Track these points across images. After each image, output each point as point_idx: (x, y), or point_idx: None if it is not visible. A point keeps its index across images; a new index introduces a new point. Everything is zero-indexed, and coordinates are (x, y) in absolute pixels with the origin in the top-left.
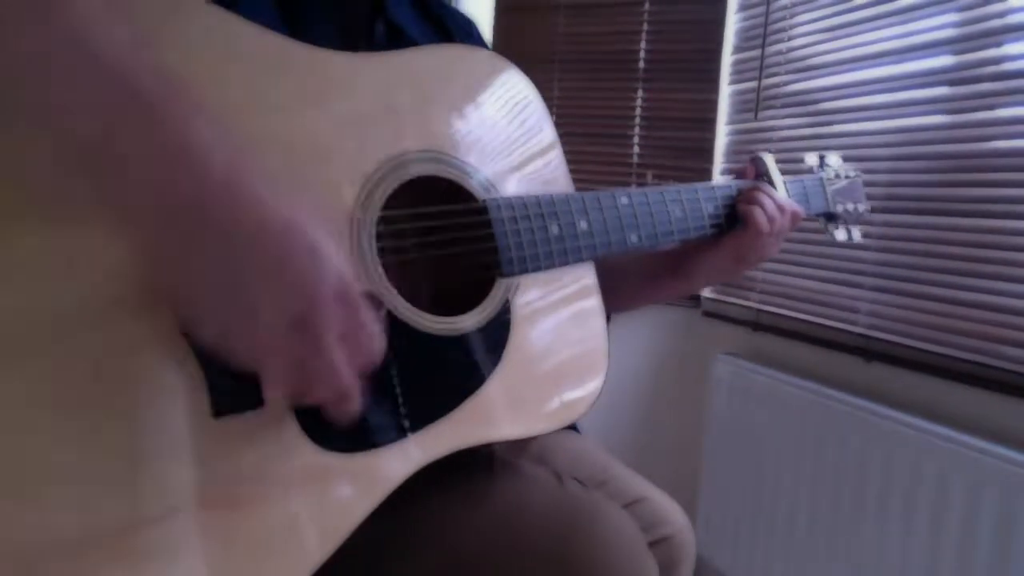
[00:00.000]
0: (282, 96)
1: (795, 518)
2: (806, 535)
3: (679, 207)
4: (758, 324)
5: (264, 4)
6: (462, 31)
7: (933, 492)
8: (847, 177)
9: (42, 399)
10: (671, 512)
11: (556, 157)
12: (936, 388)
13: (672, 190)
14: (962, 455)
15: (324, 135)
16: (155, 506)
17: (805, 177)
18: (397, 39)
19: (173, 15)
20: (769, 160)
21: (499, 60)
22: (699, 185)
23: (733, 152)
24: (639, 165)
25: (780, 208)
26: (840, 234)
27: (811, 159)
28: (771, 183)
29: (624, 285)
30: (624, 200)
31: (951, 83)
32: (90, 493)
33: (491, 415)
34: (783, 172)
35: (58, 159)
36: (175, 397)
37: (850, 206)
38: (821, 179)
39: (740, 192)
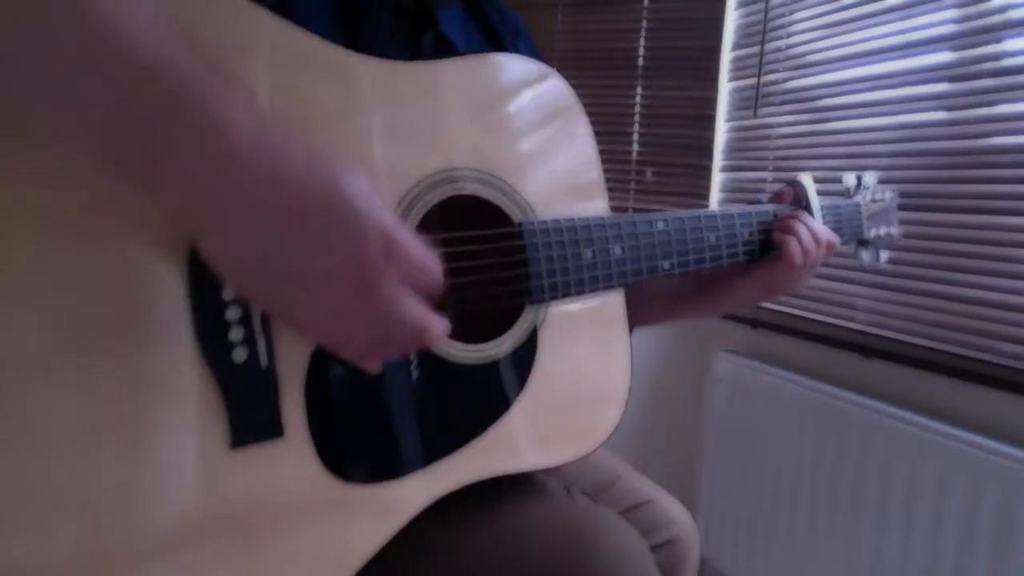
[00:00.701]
0: (318, 102)
1: (795, 515)
2: (806, 532)
3: (714, 233)
4: (758, 321)
5: (323, 10)
6: (511, 34)
7: (933, 489)
8: (881, 200)
9: (53, 423)
10: (676, 515)
11: (596, 174)
12: (935, 385)
13: (709, 215)
14: (961, 452)
15: (362, 147)
16: (167, 535)
17: (843, 202)
18: (444, 51)
19: (215, 15)
20: (808, 184)
21: (542, 70)
22: (735, 209)
23: (732, 149)
24: (639, 162)
25: (816, 239)
26: (867, 257)
27: (849, 180)
28: (809, 208)
29: (648, 304)
30: (661, 225)
31: (950, 79)
32: (101, 521)
33: (512, 446)
34: (786, 171)
35: (85, 154)
36: (192, 425)
37: (883, 230)
38: (858, 205)
39: (776, 218)
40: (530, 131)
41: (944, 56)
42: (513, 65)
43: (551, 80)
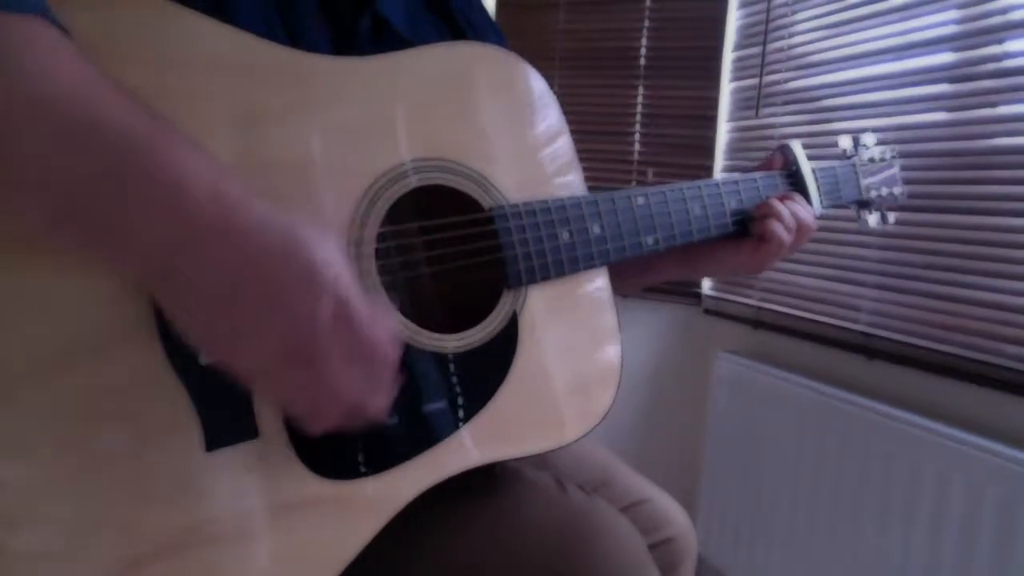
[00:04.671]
0: (269, 108)
1: (795, 516)
2: (807, 533)
3: (699, 204)
4: (759, 322)
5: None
6: (463, 6)
7: (934, 490)
8: (882, 160)
9: (29, 444)
10: (673, 514)
11: (568, 155)
12: (937, 386)
13: (693, 187)
14: (963, 453)
15: (316, 149)
16: (153, 546)
17: (837, 164)
18: (382, 32)
19: (154, 29)
20: (798, 149)
21: (504, 55)
22: (721, 179)
23: (734, 149)
24: (640, 163)
25: (800, 222)
26: (873, 220)
27: (844, 142)
28: (800, 173)
29: (626, 271)
30: (641, 200)
31: (952, 80)
32: (86, 537)
33: (500, 433)
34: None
35: (43, 212)
36: (167, 433)
37: (884, 191)
38: (854, 165)
39: (759, 206)
40: (494, 116)
41: (946, 57)
42: (470, 51)
43: (510, 61)
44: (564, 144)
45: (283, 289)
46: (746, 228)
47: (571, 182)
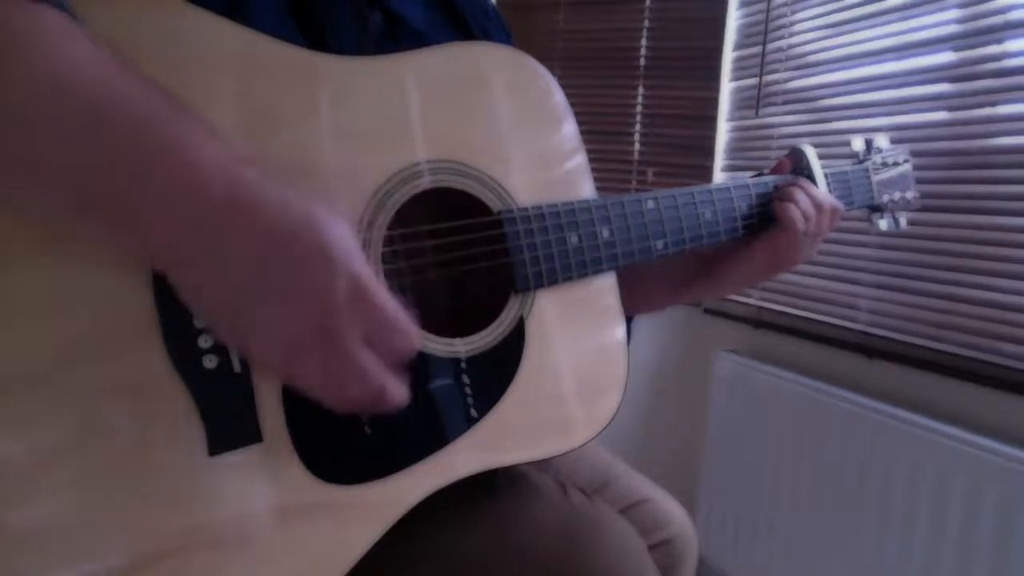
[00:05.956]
0: (280, 109)
1: (795, 515)
2: (807, 533)
3: (710, 208)
4: (759, 321)
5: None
6: (478, 14)
7: (934, 489)
8: (895, 164)
9: (30, 445)
10: (673, 514)
11: (580, 159)
12: (937, 385)
13: (703, 190)
14: (963, 452)
15: (327, 149)
16: (154, 547)
17: (849, 168)
18: (396, 29)
19: (167, 29)
20: (809, 152)
21: (518, 56)
22: (732, 183)
23: (734, 149)
24: (640, 162)
25: (818, 205)
26: (884, 223)
27: (857, 144)
28: (811, 176)
29: (647, 289)
30: (650, 204)
31: (952, 80)
32: (86, 541)
33: (504, 438)
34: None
35: (59, 195)
36: (170, 436)
37: (897, 195)
38: (867, 168)
39: (776, 189)
40: (507, 118)
41: (945, 56)
42: (483, 52)
43: (524, 64)
44: (576, 148)
45: (298, 268)
46: (756, 234)
47: (582, 185)
